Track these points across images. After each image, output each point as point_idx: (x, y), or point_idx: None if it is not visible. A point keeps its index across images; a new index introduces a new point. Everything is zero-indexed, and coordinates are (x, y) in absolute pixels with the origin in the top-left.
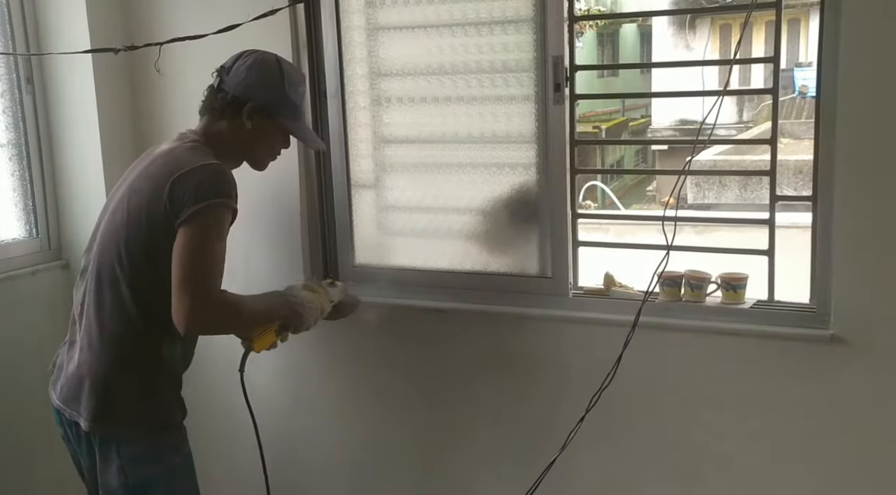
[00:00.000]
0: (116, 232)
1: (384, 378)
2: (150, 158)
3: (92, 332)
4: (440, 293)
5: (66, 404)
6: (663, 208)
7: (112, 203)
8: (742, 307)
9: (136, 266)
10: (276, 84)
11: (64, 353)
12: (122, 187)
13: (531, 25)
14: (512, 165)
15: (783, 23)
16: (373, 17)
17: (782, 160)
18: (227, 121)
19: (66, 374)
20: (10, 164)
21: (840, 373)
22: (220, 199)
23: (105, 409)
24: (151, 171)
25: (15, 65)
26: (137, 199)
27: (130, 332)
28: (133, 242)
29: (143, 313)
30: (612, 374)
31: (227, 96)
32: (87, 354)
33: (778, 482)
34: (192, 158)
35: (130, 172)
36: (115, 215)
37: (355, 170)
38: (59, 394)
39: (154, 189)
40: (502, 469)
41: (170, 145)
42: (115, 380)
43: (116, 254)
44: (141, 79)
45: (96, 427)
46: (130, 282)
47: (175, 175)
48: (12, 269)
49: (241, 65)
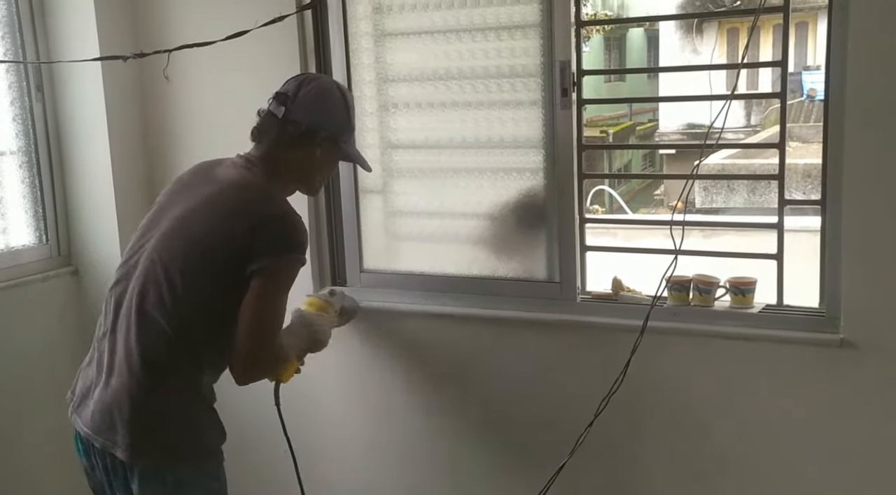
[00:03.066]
0: (172, 259)
1: (391, 383)
2: (218, 186)
3: (132, 358)
4: (448, 298)
5: (98, 433)
6: (671, 212)
7: (163, 223)
8: (751, 311)
9: (190, 298)
10: (342, 113)
11: (90, 378)
12: (177, 208)
13: (538, 30)
14: (519, 170)
15: (791, 26)
16: (380, 23)
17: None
18: (298, 150)
19: (100, 401)
20: (20, 172)
21: (850, 378)
22: (299, 254)
23: (149, 438)
24: (224, 205)
25: (25, 73)
26: (205, 231)
27: (175, 360)
28: (192, 273)
29: (189, 344)
30: (621, 379)
31: (300, 127)
32: (128, 381)
33: (787, 486)
34: (272, 199)
35: (184, 191)
36: (171, 241)
37: (363, 176)
38: (91, 423)
39: (230, 227)
40: (511, 473)
41: (237, 172)
42: (159, 408)
43: (168, 282)
44: (150, 86)
45: (138, 457)
46: (180, 312)
47: (259, 220)
48: (22, 276)
49: (306, 93)
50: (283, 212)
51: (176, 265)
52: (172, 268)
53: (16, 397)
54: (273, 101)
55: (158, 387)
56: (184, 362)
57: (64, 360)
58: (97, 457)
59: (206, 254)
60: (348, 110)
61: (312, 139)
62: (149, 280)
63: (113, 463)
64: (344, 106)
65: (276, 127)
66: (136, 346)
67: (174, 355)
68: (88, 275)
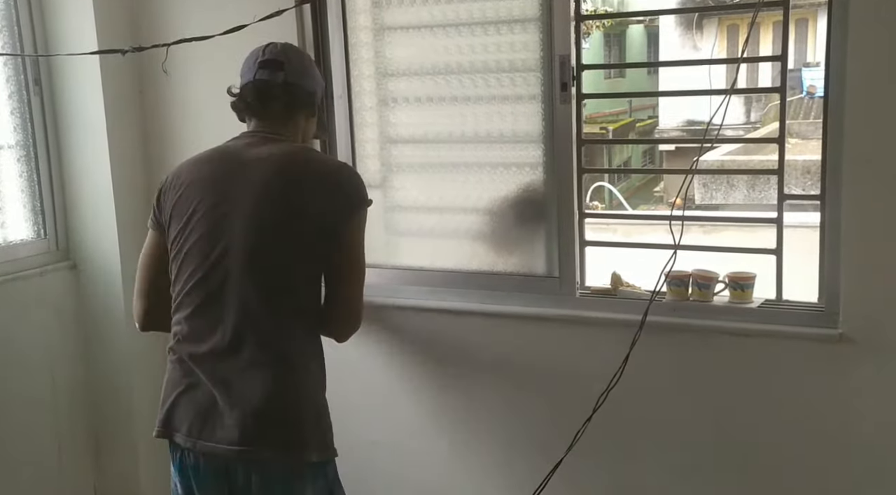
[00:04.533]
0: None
1: (389, 378)
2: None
3: (263, 359)
4: (447, 293)
5: (263, 445)
6: (670, 209)
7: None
8: (750, 306)
9: (302, 281)
10: (319, 73)
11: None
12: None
13: (538, 25)
14: (519, 165)
15: (791, 23)
16: (379, 17)
17: (790, 160)
18: (301, 115)
19: (250, 412)
20: (18, 166)
21: (849, 373)
22: (369, 199)
23: (322, 432)
24: (287, 183)
25: (23, 66)
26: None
27: (307, 348)
28: (295, 256)
29: (311, 325)
30: (620, 374)
31: (303, 89)
32: (285, 380)
33: (785, 481)
34: (322, 158)
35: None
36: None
37: (362, 171)
38: (242, 438)
39: (306, 202)
40: (509, 468)
41: (271, 147)
42: (317, 402)
43: (283, 273)
44: (148, 80)
45: (313, 455)
46: (298, 298)
47: (327, 183)
48: (20, 270)
49: (294, 55)
50: (342, 168)
51: (287, 253)
52: (266, 263)
53: (14, 392)
54: (263, 70)
55: (311, 381)
56: (315, 345)
57: (62, 355)
58: (242, 477)
59: (296, 235)
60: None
61: (312, 102)
62: (248, 281)
63: (272, 475)
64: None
65: (281, 93)
66: (276, 343)
67: (307, 342)
68: (87, 269)
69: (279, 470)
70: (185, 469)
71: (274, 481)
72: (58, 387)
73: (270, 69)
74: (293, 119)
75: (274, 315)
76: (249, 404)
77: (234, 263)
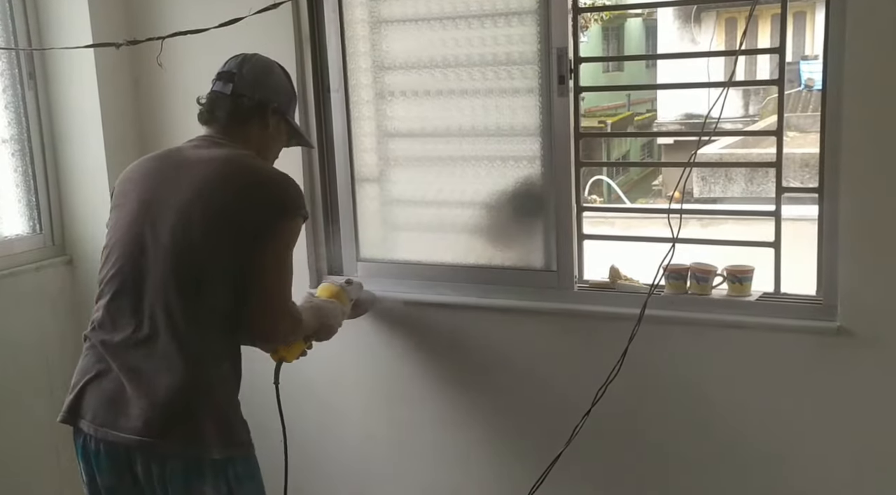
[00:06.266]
0: (191, 246)
1: (387, 372)
2: (202, 166)
3: (176, 353)
4: (445, 287)
5: (162, 437)
6: (669, 202)
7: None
8: (748, 299)
9: (222, 280)
10: (287, 85)
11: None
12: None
13: (535, 17)
14: (516, 158)
15: (789, 16)
16: (376, 10)
17: (789, 153)
18: (253, 124)
19: (152, 404)
20: (12, 160)
21: (847, 365)
22: (302, 211)
23: (227, 429)
24: (219, 182)
25: (17, 60)
26: (212, 213)
27: (221, 348)
28: (218, 255)
29: (228, 327)
30: (618, 368)
31: (253, 99)
32: (191, 376)
33: (785, 473)
34: (259, 165)
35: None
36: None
37: (359, 165)
38: (143, 429)
39: (233, 201)
40: (508, 462)
41: (211, 151)
42: (223, 401)
43: (198, 272)
44: (143, 73)
45: (213, 452)
46: (217, 298)
47: (258, 188)
48: (16, 265)
49: (250, 69)
50: (275, 176)
51: (203, 251)
52: (200, 258)
53: (9, 387)
54: (218, 82)
55: (220, 379)
56: (230, 346)
57: (58, 350)
58: (141, 467)
59: (221, 235)
60: (292, 84)
61: (265, 111)
62: (170, 275)
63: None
64: (287, 79)
65: (227, 103)
66: (185, 339)
67: (220, 341)
68: (82, 264)
69: (179, 463)
70: (88, 455)
71: (173, 474)
72: (53, 382)
73: (223, 81)
74: (241, 128)
75: (188, 310)
76: (155, 396)
77: (154, 257)
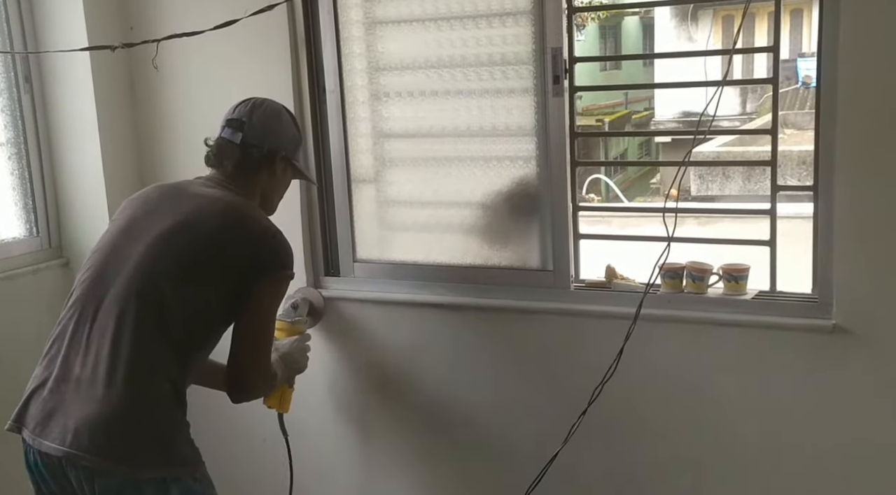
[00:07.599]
0: (163, 272)
1: (383, 373)
2: (202, 201)
3: (122, 368)
4: (441, 287)
5: (90, 452)
6: (665, 200)
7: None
8: (744, 298)
9: (189, 310)
10: (295, 132)
11: (55, 391)
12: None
13: (530, 17)
14: (512, 158)
15: (786, 13)
16: (371, 11)
17: (786, 151)
18: (262, 172)
19: (84, 417)
20: (9, 163)
21: (843, 363)
22: (290, 271)
23: (162, 448)
24: (216, 220)
25: (13, 63)
26: (199, 244)
27: (166, 368)
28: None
29: (184, 352)
30: (614, 367)
31: (262, 149)
32: (126, 392)
33: (780, 472)
34: (261, 218)
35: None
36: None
37: (355, 166)
38: (72, 441)
39: (225, 242)
40: (505, 462)
41: (215, 191)
42: (162, 421)
43: (159, 294)
44: (139, 76)
45: (146, 471)
46: (176, 324)
47: (255, 240)
48: (12, 268)
49: (258, 116)
50: (274, 232)
51: (168, 278)
52: (164, 281)
53: (5, 391)
54: (227, 128)
55: (162, 398)
56: (182, 368)
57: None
58: (74, 480)
59: (199, 267)
60: (298, 127)
61: (273, 160)
62: (144, 293)
63: (102, 483)
64: (295, 125)
65: (236, 152)
66: (134, 355)
67: (171, 363)
68: (79, 266)
69: (111, 480)
70: (29, 464)
71: (108, 491)
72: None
73: (233, 129)
74: (249, 176)
75: (142, 331)
76: (91, 410)
77: (122, 274)
